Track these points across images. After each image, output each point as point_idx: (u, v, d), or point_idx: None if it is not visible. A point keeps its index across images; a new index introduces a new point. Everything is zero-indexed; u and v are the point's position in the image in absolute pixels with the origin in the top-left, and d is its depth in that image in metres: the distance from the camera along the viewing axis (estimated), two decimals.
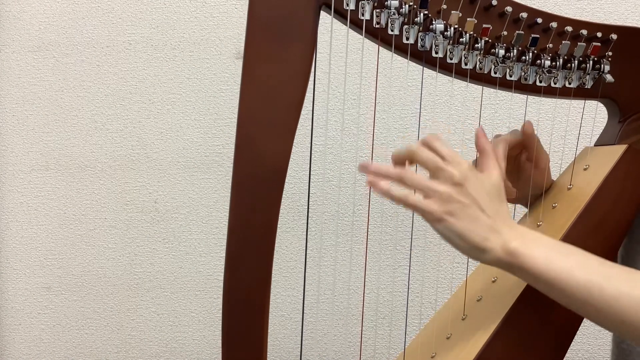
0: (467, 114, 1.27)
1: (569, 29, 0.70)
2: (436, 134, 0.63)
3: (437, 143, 0.62)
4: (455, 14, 0.66)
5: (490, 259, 0.60)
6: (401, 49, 0.67)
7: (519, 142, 0.75)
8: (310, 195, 1.25)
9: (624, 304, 0.56)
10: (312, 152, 1.30)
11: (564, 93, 0.73)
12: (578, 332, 0.72)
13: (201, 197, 1.39)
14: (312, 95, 0.65)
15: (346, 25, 0.65)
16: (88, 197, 1.41)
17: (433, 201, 0.59)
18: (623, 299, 0.56)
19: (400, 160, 0.64)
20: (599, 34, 0.70)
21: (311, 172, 1.34)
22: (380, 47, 0.67)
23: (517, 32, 0.68)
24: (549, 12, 0.70)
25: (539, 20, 0.69)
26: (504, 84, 0.71)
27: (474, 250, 0.60)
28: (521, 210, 0.84)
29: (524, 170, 0.78)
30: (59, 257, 1.42)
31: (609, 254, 0.73)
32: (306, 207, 1.33)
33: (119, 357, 1.43)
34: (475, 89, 0.73)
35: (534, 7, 0.69)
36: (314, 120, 0.70)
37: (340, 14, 0.65)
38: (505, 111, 1.25)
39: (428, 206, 0.59)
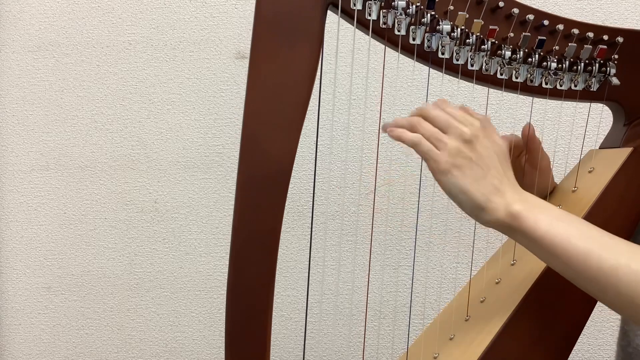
0: None
1: (576, 31, 0.70)
2: (445, 100, 0.64)
3: (448, 105, 0.63)
4: (462, 15, 0.66)
5: (491, 219, 0.60)
6: (407, 50, 0.67)
7: (519, 144, 0.75)
8: (315, 194, 1.25)
9: (622, 276, 0.55)
10: (317, 152, 1.30)
11: (570, 95, 0.73)
12: None
13: (201, 197, 1.39)
14: (317, 94, 0.65)
15: (353, 25, 0.65)
16: (88, 197, 1.40)
17: (442, 152, 0.60)
18: (621, 270, 0.55)
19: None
20: (606, 37, 0.70)
21: (316, 172, 1.34)
22: (386, 48, 0.67)
23: (523, 34, 0.68)
24: (549, 12, 0.70)
25: (546, 22, 0.69)
26: (509, 86, 0.71)
27: (475, 209, 0.60)
28: None
29: (526, 173, 0.78)
30: (59, 257, 1.42)
31: None
32: (310, 206, 1.33)
33: (119, 357, 1.43)
34: (480, 90, 0.73)
35: (536, 7, 0.69)
36: (319, 120, 0.70)
37: (347, 14, 0.65)
38: (511, 113, 1.25)
39: (437, 155, 0.60)
